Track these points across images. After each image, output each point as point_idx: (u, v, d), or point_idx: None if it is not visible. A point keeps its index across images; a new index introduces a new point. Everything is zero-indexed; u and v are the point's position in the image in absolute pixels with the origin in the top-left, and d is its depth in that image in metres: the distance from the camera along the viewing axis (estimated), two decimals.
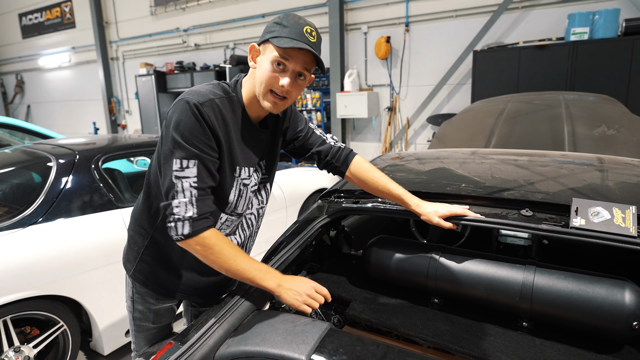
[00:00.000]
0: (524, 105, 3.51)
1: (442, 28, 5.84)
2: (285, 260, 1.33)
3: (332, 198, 1.65)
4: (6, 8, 12.16)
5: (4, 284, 1.88)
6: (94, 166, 2.40)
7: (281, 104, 1.14)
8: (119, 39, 9.69)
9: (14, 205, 2.17)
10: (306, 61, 1.10)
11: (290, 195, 3.72)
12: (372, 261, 1.44)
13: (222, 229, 1.24)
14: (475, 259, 1.27)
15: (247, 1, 7.52)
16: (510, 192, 1.31)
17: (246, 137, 1.19)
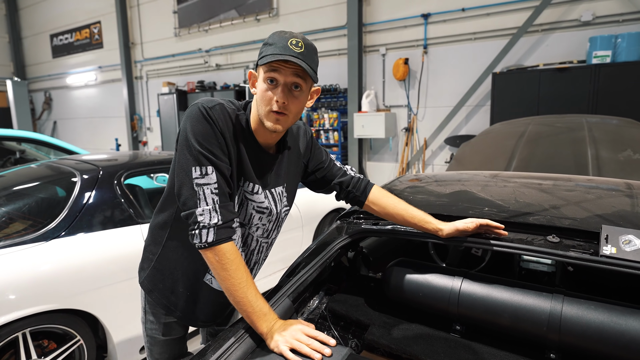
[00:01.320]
0: (545, 128, 3.46)
1: (460, 50, 5.86)
2: (304, 281, 1.32)
3: (351, 219, 1.63)
4: (39, 29, 12.74)
5: (25, 297, 1.91)
6: (116, 182, 2.44)
7: (282, 119, 1.12)
8: (143, 58, 10.01)
9: (39, 219, 2.22)
10: (295, 72, 1.09)
11: (306, 214, 3.72)
12: (392, 284, 1.41)
13: None
14: (499, 285, 1.23)
15: (267, 23, 7.71)
16: (535, 217, 1.28)
17: (253, 155, 1.19)
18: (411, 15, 6.15)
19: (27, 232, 2.10)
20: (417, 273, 1.38)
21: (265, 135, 1.19)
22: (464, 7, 5.71)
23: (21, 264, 1.95)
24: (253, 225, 1.27)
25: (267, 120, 1.12)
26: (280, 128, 1.13)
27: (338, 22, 6.82)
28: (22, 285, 1.91)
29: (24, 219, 2.26)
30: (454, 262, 1.95)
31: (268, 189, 1.25)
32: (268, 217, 1.28)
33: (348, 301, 1.56)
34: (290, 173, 1.34)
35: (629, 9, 4.76)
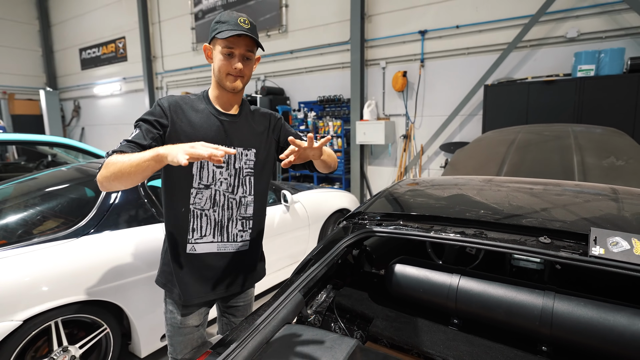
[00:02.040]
0: (534, 136, 3.44)
1: (455, 64, 5.84)
2: (314, 277, 1.32)
3: (356, 220, 1.63)
4: (70, 43, 12.86)
5: (58, 289, 1.92)
6: (140, 184, 2.45)
7: (240, 81, 1.32)
8: (163, 70, 10.07)
9: (70, 217, 2.23)
10: (247, 44, 1.27)
11: (313, 214, 3.71)
12: (394, 280, 1.41)
13: (195, 202, 1.35)
14: (494, 282, 1.22)
15: (277, 39, 7.73)
16: (528, 219, 1.27)
17: (211, 120, 1.34)
18: (409, 32, 6.15)
19: (59, 229, 2.11)
20: (417, 270, 1.37)
21: (226, 97, 1.37)
22: (458, 24, 5.70)
23: (54, 259, 1.96)
24: (217, 181, 1.37)
25: (227, 82, 1.31)
26: (240, 85, 1.32)
27: (342, 38, 6.83)
28: (55, 278, 1.92)
29: (56, 217, 2.27)
30: (449, 260, 1.94)
31: (226, 145, 1.35)
32: (227, 170, 1.38)
33: (353, 296, 1.56)
34: (262, 144, 1.45)
35: (611, 26, 4.73)
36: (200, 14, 8.95)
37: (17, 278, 1.83)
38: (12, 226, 2.17)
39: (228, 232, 1.42)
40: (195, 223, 1.37)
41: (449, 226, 1.33)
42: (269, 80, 8.00)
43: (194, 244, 1.38)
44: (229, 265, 1.44)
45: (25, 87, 13.07)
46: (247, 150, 1.42)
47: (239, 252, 1.46)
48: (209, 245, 1.40)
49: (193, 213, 1.36)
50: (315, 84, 7.36)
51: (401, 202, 1.69)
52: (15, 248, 1.93)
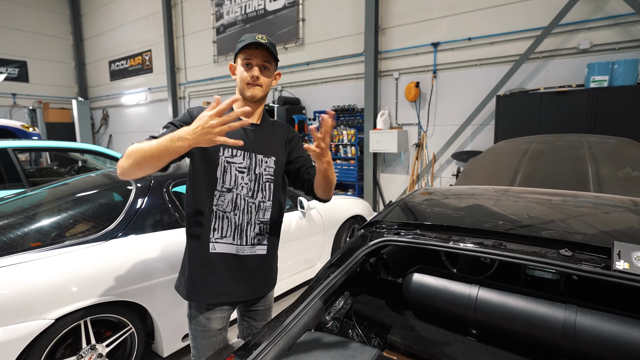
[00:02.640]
0: (547, 146, 3.35)
1: (467, 75, 5.78)
2: (334, 284, 1.30)
3: (374, 228, 1.61)
4: (100, 56, 13.23)
5: (88, 289, 1.95)
6: (165, 190, 2.48)
7: (258, 89, 1.37)
8: (186, 81, 10.25)
9: (99, 221, 2.26)
10: (263, 55, 1.35)
11: (328, 220, 3.69)
12: (412, 289, 1.37)
13: (218, 204, 1.37)
14: (514, 293, 1.18)
15: (294, 51, 7.80)
16: (548, 231, 1.23)
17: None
18: (422, 44, 6.12)
19: (89, 232, 2.15)
20: (435, 280, 1.34)
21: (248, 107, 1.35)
22: (470, 36, 5.64)
23: (84, 261, 1.99)
24: (238, 185, 1.39)
25: (247, 91, 1.37)
26: (257, 93, 1.37)
27: (356, 50, 6.83)
28: (85, 280, 1.95)
29: (87, 221, 2.31)
30: (464, 268, 1.89)
31: (248, 152, 1.40)
32: (248, 175, 1.40)
33: (371, 303, 1.53)
34: (280, 153, 1.48)
35: (624, 38, 4.61)
36: (221, 28, 9.10)
37: (50, 279, 1.86)
38: (46, 229, 2.21)
39: (246, 236, 1.43)
40: (217, 223, 1.39)
41: (467, 237, 1.30)
42: (286, 90, 8.05)
43: (215, 243, 1.40)
44: (247, 269, 1.44)
45: (59, 97, 13.48)
46: (267, 157, 1.46)
47: (255, 255, 1.46)
48: (228, 247, 1.41)
49: (216, 214, 1.39)
50: (330, 94, 7.38)
51: (418, 212, 1.66)
52: (49, 250, 1.96)
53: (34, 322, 1.77)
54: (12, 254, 1.90)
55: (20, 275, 1.81)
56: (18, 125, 6.89)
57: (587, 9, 4.78)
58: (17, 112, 12.50)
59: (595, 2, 4.72)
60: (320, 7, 7.30)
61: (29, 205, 2.62)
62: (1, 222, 2.31)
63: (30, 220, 2.32)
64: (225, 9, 8.94)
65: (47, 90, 13.20)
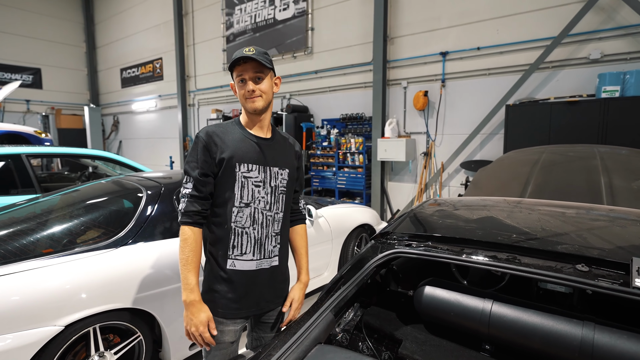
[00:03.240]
0: (558, 156, 3.31)
1: (475, 84, 5.77)
2: (345, 296, 1.29)
3: (384, 239, 1.59)
4: (112, 64, 13.47)
5: (98, 296, 1.95)
6: (175, 197, 2.49)
7: (257, 99, 1.38)
8: (196, 89, 10.37)
9: (110, 228, 2.28)
10: (253, 67, 1.36)
11: (336, 229, 3.68)
12: (424, 302, 1.35)
13: (236, 220, 1.39)
14: (529, 308, 1.16)
15: (302, 60, 7.86)
16: (563, 246, 1.20)
17: (246, 143, 1.41)
18: (430, 53, 6.13)
19: (100, 239, 2.16)
20: (447, 293, 1.32)
21: (254, 121, 1.44)
22: (479, 46, 5.64)
23: (94, 268, 2.00)
24: (256, 199, 1.41)
25: (248, 105, 1.39)
26: (258, 105, 1.39)
27: (364, 59, 6.87)
28: (95, 286, 1.95)
29: (97, 227, 2.33)
30: (474, 280, 1.87)
31: (263, 165, 1.42)
32: (264, 189, 1.42)
33: (381, 315, 1.52)
34: (292, 165, 1.52)
35: (636, 48, 4.57)
36: (231, 37, 9.22)
37: (60, 285, 1.87)
38: (58, 235, 2.23)
39: (265, 249, 1.44)
40: (236, 240, 1.39)
41: (480, 249, 1.28)
42: (294, 98, 8.10)
43: (234, 260, 1.40)
44: (264, 281, 1.45)
45: (71, 103, 13.73)
46: (282, 169, 1.48)
47: (272, 267, 1.47)
48: (249, 263, 1.41)
49: (234, 231, 1.39)
50: (338, 102, 7.41)
51: (429, 223, 1.65)
52: (60, 256, 1.98)
53: (44, 329, 1.78)
54: (25, 260, 1.92)
55: (32, 281, 1.83)
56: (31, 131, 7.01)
57: (597, 19, 4.75)
58: (30, 118, 12.74)
59: (606, 12, 4.70)
60: (329, 17, 7.37)
61: (41, 211, 2.65)
62: (14, 228, 2.33)
63: (42, 227, 2.34)
64: (235, 18, 9.06)
65: (59, 97, 13.45)
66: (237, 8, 8.99)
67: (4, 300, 1.73)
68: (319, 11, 7.51)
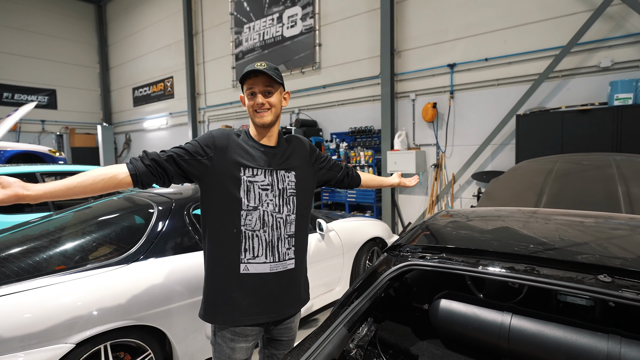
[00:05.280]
0: (572, 165, 3.26)
1: (485, 95, 5.75)
2: (358, 310, 1.26)
3: (397, 252, 1.57)
4: (124, 83, 13.83)
5: (109, 313, 1.95)
6: (186, 212, 2.51)
7: (266, 113, 1.41)
8: (205, 106, 10.56)
9: (121, 244, 2.29)
10: (263, 81, 1.39)
11: (347, 242, 3.65)
12: (440, 316, 1.32)
13: (246, 224, 1.39)
14: (551, 322, 1.12)
15: (310, 75, 7.96)
16: (583, 255, 1.17)
17: (249, 149, 1.44)
18: (438, 66, 6.16)
19: (111, 255, 2.18)
20: (464, 306, 1.29)
21: (262, 133, 1.47)
22: (487, 57, 5.65)
23: (106, 284, 2.01)
24: (263, 202, 1.41)
25: (256, 119, 1.42)
26: (266, 120, 1.42)
27: (372, 73, 6.93)
28: (107, 303, 1.96)
29: (109, 244, 2.35)
30: (491, 293, 1.82)
31: (269, 169, 1.44)
32: (272, 192, 1.43)
33: (396, 330, 1.48)
34: (302, 168, 1.54)
35: None
36: (240, 55, 9.41)
37: (72, 302, 1.88)
38: (70, 252, 2.25)
39: (279, 252, 1.43)
40: (248, 243, 1.39)
41: (497, 261, 1.25)
42: (303, 113, 8.18)
43: (247, 264, 1.39)
44: (280, 284, 1.44)
45: (84, 122, 14.08)
46: (288, 172, 1.49)
47: (287, 270, 1.46)
48: (262, 266, 1.40)
49: (245, 234, 1.39)
50: (347, 116, 7.45)
51: (442, 235, 1.62)
52: (73, 273, 1.99)
53: (55, 347, 1.78)
54: (38, 277, 1.93)
55: (44, 298, 1.84)
56: (45, 150, 7.18)
57: (606, 27, 4.74)
58: (45, 137, 13.08)
59: (615, 20, 4.68)
60: (336, 33, 7.49)
61: (54, 229, 2.69)
62: (28, 245, 2.36)
63: (55, 244, 2.37)
64: (244, 36, 9.27)
65: (73, 117, 13.81)
66: (245, 26, 9.21)
67: (17, 318, 1.74)
68: (326, 27, 7.65)
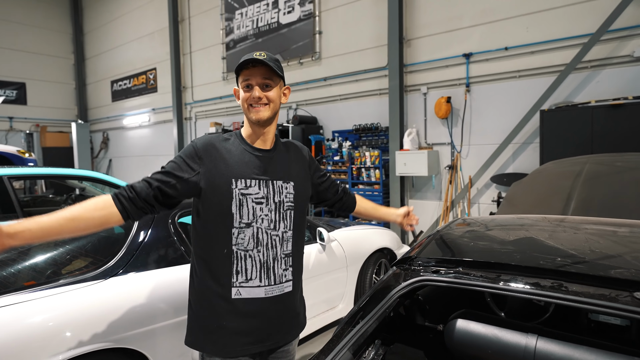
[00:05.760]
0: (604, 167, 3.26)
1: (504, 88, 5.77)
2: (364, 332, 1.26)
3: (407, 265, 1.56)
4: (102, 76, 13.90)
5: (84, 335, 1.94)
6: (170, 221, 2.51)
7: (263, 109, 1.39)
8: (193, 101, 10.60)
9: (98, 257, 2.29)
10: (262, 73, 1.37)
11: (351, 254, 3.64)
12: (456, 338, 1.31)
13: (238, 243, 1.37)
14: (581, 345, 1.11)
15: (310, 66, 7.99)
16: (617, 270, 1.16)
17: (241, 156, 1.41)
18: (452, 55, 6.18)
19: (87, 269, 2.17)
20: (483, 327, 1.28)
21: (257, 133, 1.44)
22: (506, 46, 5.67)
23: (81, 302, 2.00)
24: (258, 218, 1.39)
25: (251, 114, 1.39)
26: (263, 116, 1.39)
27: (379, 64, 6.95)
28: (81, 323, 1.95)
29: (84, 256, 2.35)
30: (514, 312, 1.81)
31: (264, 179, 1.41)
32: (267, 206, 1.41)
33: (407, 354, 1.48)
34: (299, 177, 1.53)
35: None
36: (231, 44, 9.45)
37: (42, 322, 1.87)
38: (41, 266, 2.25)
39: (275, 274, 1.42)
40: (240, 265, 1.37)
41: (520, 276, 1.25)
42: (301, 108, 8.20)
43: (239, 288, 1.38)
44: (276, 310, 1.43)
45: (57, 119, 14.13)
46: (286, 183, 1.47)
47: (284, 294, 1.45)
48: (256, 290, 1.39)
49: (236, 254, 1.37)
50: (351, 111, 7.47)
51: (458, 246, 1.62)
52: (44, 289, 1.99)
53: None
54: (4, 295, 1.93)
55: (11, 318, 1.83)
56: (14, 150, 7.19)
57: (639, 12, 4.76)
58: (13, 136, 13.12)
59: None
60: (338, 19, 7.52)
61: None
62: None
63: (24, 257, 2.37)
64: (235, 24, 9.31)
65: (45, 113, 13.86)
66: (237, 12, 9.25)
67: None
68: (327, 13, 7.68)
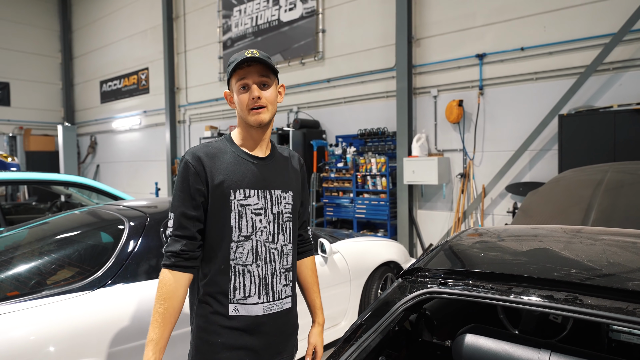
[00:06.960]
0: (627, 176, 3.28)
1: (520, 91, 5.81)
2: (367, 347, 1.27)
3: (414, 277, 1.59)
4: (91, 76, 14.05)
5: (68, 350, 1.96)
6: (162, 229, 2.53)
7: (262, 111, 1.39)
8: (187, 103, 10.69)
9: (85, 267, 2.32)
10: (258, 70, 1.38)
11: (355, 267, 3.65)
12: (465, 354, 1.33)
13: (236, 257, 1.39)
14: None
15: (312, 67, 8.07)
16: (635, 282, 1.18)
17: (241, 165, 1.42)
18: (465, 56, 6.24)
19: (74, 280, 2.20)
20: (494, 343, 1.30)
21: (254, 138, 1.45)
22: (523, 46, 5.72)
23: (66, 315, 2.02)
24: (257, 230, 1.41)
25: (251, 117, 1.39)
26: (264, 119, 1.40)
27: (386, 65, 7.02)
28: (65, 338, 1.97)
29: (70, 266, 2.37)
30: (528, 329, 1.83)
31: (262, 189, 1.43)
32: (266, 217, 1.43)
33: None
34: (297, 187, 1.56)
35: None
36: (229, 42, 9.56)
37: (24, 336, 1.89)
38: (24, 276, 2.28)
39: (273, 289, 1.44)
40: (238, 281, 1.39)
41: (533, 288, 1.27)
42: (303, 111, 8.26)
43: (237, 304, 1.39)
44: (274, 329, 1.44)
45: (42, 122, 14.25)
46: (285, 192, 1.49)
47: (283, 311, 1.48)
48: (255, 308, 1.40)
49: (234, 270, 1.39)
50: (356, 115, 7.52)
51: (468, 257, 1.64)
52: (27, 301, 2.01)
53: None
54: None
55: None
56: None
57: None
58: None
59: None
60: (343, 17, 7.61)
61: (5, 248, 2.72)
62: None
63: (6, 266, 2.40)
64: (233, 21, 9.43)
65: (29, 115, 13.99)
66: (235, 9, 9.38)
67: None
68: (331, 10, 7.78)
